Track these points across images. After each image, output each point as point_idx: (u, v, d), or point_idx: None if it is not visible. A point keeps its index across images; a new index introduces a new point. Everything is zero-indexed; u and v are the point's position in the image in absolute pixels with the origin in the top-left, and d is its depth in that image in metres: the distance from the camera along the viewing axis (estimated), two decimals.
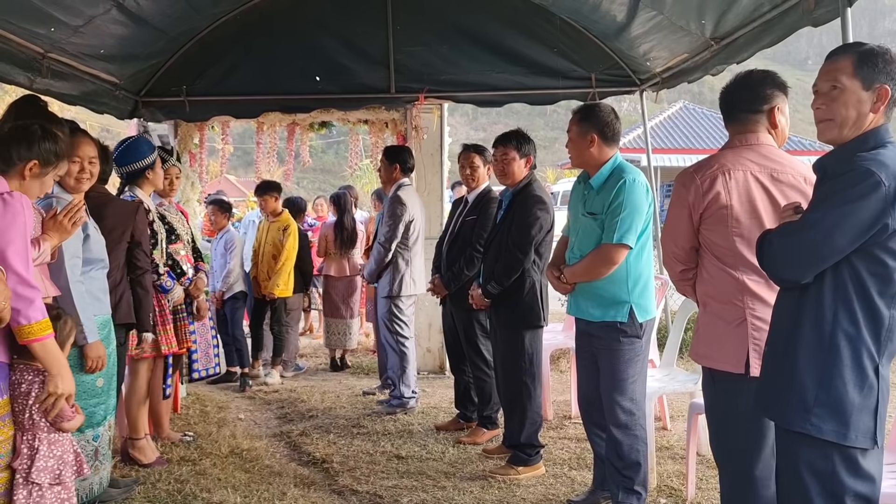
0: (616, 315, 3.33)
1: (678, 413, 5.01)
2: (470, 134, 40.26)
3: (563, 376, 6.18)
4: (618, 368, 3.34)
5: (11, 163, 2.50)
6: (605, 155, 3.43)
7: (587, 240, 3.40)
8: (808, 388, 2.00)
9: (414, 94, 5.94)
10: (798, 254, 2.02)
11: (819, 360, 1.99)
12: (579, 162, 3.52)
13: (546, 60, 5.78)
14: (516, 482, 3.93)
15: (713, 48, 4.46)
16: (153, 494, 3.74)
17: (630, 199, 3.29)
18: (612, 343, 3.34)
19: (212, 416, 5.25)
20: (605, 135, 3.42)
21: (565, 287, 3.51)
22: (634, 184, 3.32)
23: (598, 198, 3.39)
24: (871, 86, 2.01)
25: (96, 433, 3.34)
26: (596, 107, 3.55)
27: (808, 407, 1.99)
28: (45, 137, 2.58)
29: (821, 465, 1.99)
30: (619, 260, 3.30)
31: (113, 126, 21.38)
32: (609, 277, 3.33)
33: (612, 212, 3.30)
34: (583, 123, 3.46)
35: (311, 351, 7.81)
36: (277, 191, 6.49)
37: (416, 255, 5.34)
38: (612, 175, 3.38)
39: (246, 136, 18.23)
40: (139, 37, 4.96)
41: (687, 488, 3.70)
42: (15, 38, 4.05)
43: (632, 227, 3.29)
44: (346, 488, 3.88)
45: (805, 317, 2.03)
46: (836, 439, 1.96)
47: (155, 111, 5.95)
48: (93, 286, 3.27)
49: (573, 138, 3.50)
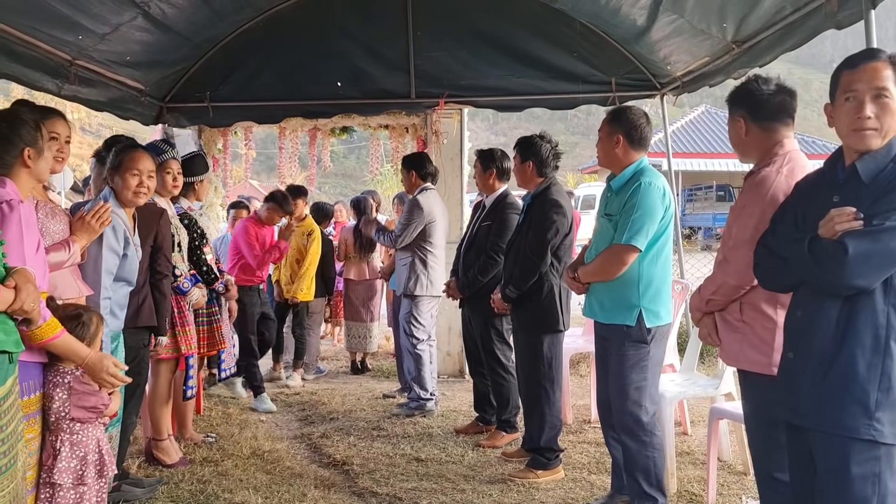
0: (624, 318, 3.32)
1: (699, 418, 4.98)
2: (490, 139, 40.31)
3: (583, 380, 6.16)
4: (623, 373, 3.33)
5: (8, 163, 2.52)
6: (630, 158, 3.41)
7: (602, 240, 3.42)
8: (869, 394, 1.98)
9: (434, 99, 5.98)
10: (877, 262, 1.98)
11: (877, 364, 1.98)
12: (605, 162, 3.53)
13: (566, 65, 5.79)
14: (535, 486, 3.92)
15: (734, 52, 4.44)
16: (176, 494, 3.79)
17: (643, 201, 3.28)
18: (618, 346, 3.35)
19: (234, 417, 5.31)
20: (631, 137, 3.40)
21: (579, 287, 3.52)
22: (650, 187, 3.30)
23: (615, 199, 3.40)
24: None
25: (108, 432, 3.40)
26: (627, 109, 3.54)
27: (870, 413, 1.98)
28: (12, 125, 2.57)
29: (869, 467, 1.99)
30: (628, 261, 3.29)
31: (139, 132, 21.67)
32: (620, 280, 3.32)
33: (624, 213, 3.31)
34: (612, 124, 3.45)
35: (332, 354, 7.85)
36: (304, 195, 6.57)
37: (437, 258, 5.38)
38: (631, 178, 3.38)
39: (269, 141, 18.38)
40: (164, 44, 5.05)
41: (708, 494, 3.67)
42: (43, 46, 4.14)
43: (642, 229, 3.27)
44: (365, 490, 3.90)
45: (857, 322, 2.01)
46: (895, 441, 1.97)
47: (179, 117, 6.04)
48: (114, 301, 3.32)
49: (601, 137, 3.50)
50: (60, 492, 2.66)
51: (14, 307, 2.12)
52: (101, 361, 2.60)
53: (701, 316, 2.80)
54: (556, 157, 4.26)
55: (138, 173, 3.40)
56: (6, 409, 2.08)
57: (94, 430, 2.78)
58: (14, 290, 2.12)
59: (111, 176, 3.44)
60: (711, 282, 2.69)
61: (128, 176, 3.38)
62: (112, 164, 3.44)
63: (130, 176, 3.38)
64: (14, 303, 2.12)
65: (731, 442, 4.25)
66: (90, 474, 2.73)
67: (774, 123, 2.64)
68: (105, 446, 2.84)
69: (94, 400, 2.68)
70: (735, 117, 2.71)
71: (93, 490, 2.76)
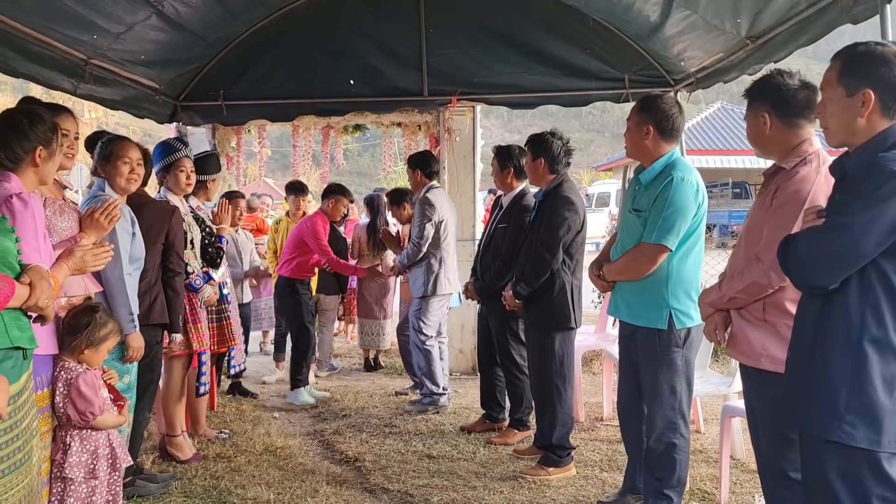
0: (654, 321, 3.22)
1: (712, 416, 4.95)
2: (505, 136, 40.19)
3: (595, 378, 6.15)
4: (656, 378, 3.26)
5: (18, 158, 2.55)
6: (660, 149, 3.28)
7: (630, 237, 3.31)
8: (839, 395, 1.94)
9: (447, 97, 5.98)
10: (826, 260, 1.96)
11: (848, 365, 1.94)
12: (633, 153, 3.39)
13: (579, 61, 5.76)
14: (547, 483, 3.92)
15: (749, 47, 4.40)
16: (189, 490, 3.82)
17: (675, 198, 3.15)
18: (650, 350, 3.26)
19: (247, 414, 5.34)
20: (662, 128, 3.26)
21: (603, 285, 3.45)
22: (682, 182, 3.17)
23: (645, 194, 3.28)
24: (855, 92, 1.99)
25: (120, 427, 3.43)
26: (658, 98, 3.39)
27: (840, 414, 1.94)
28: (32, 122, 2.61)
29: (848, 469, 1.94)
30: (657, 261, 3.19)
31: (154, 130, 21.81)
32: (648, 279, 3.22)
33: (655, 209, 3.18)
34: (641, 113, 3.31)
35: (346, 351, 7.88)
36: (305, 192, 6.72)
37: (449, 255, 5.38)
38: (662, 171, 3.24)
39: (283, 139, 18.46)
40: (178, 43, 5.08)
41: (720, 492, 3.66)
42: (59, 46, 4.18)
43: (673, 227, 3.15)
44: (377, 487, 3.91)
45: (831, 322, 1.98)
46: (869, 446, 1.91)
47: (193, 115, 6.08)
48: (132, 284, 3.36)
49: (630, 127, 3.36)
50: (72, 486, 2.70)
51: (29, 304, 2.15)
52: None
53: (712, 312, 2.77)
54: (568, 154, 4.24)
55: (129, 161, 3.46)
56: (21, 404, 2.11)
57: None
58: (29, 287, 2.15)
59: (102, 167, 3.49)
60: (738, 280, 2.61)
61: (119, 164, 3.44)
62: (102, 154, 3.48)
63: (122, 164, 3.44)
64: (29, 299, 2.14)
65: (743, 440, 4.23)
66: (102, 468, 2.76)
67: (799, 119, 2.58)
68: (116, 440, 2.87)
69: (84, 406, 2.69)
70: (757, 112, 2.63)
71: (105, 484, 2.79)
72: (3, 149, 2.48)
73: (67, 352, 2.74)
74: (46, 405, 2.64)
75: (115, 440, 2.87)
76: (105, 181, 3.47)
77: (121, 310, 3.20)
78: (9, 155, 2.52)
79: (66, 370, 2.71)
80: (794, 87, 2.57)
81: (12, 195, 2.41)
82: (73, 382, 2.68)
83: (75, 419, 2.69)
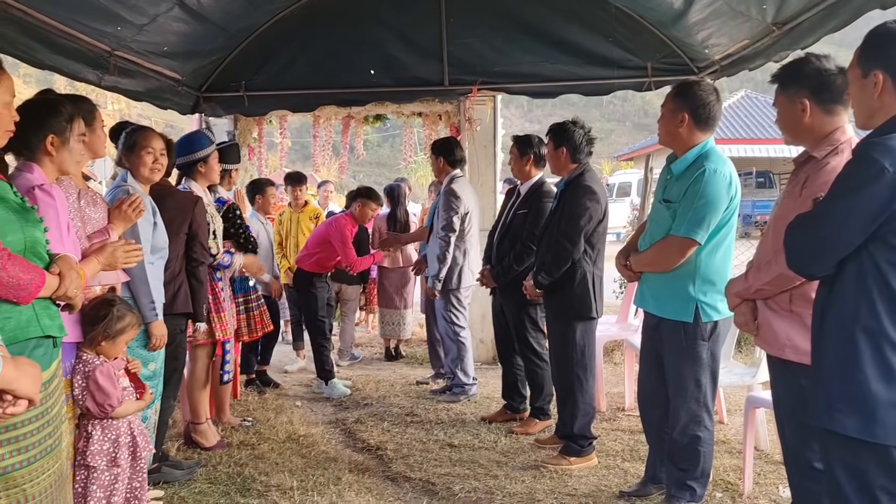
0: (680, 313, 3.19)
1: (735, 407, 4.92)
2: (525, 126, 40.07)
3: (616, 368, 6.13)
4: (681, 370, 3.24)
5: (33, 146, 2.58)
6: (694, 138, 3.21)
7: (659, 228, 3.27)
8: (831, 384, 1.94)
9: (467, 87, 5.95)
10: (812, 248, 1.97)
11: (841, 355, 1.93)
12: (666, 141, 3.32)
13: (601, 50, 5.71)
14: (568, 472, 3.92)
15: (775, 34, 4.33)
16: (214, 476, 3.87)
17: (707, 190, 3.08)
18: (675, 343, 3.23)
19: (270, 402, 5.39)
20: (698, 116, 3.19)
21: (630, 274, 3.43)
22: (715, 174, 3.11)
23: (676, 184, 3.22)
24: (868, 73, 1.97)
25: (144, 415, 3.48)
26: (695, 84, 3.30)
27: (831, 402, 1.93)
28: (48, 111, 2.64)
29: (853, 461, 1.93)
30: (685, 254, 3.15)
31: (176, 122, 22.00)
32: (676, 271, 3.19)
33: (685, 201, 3.13)
34: (676, 100, 3.24)
35: (367, 341, 7.92)
36: (304, 182, 6.79)
37: (472, 246, 5.38)
38: (695, 162, 3.18)
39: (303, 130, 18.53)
40: (200, 34, 5.10)
41: (744, 483, 3.64)
42: (84, 38, 4.22)
43: (703, 220, 3.10)
44: (399, 475, 3.94)
45: (828, 311, 1.98)
46: (861, 435, 1.88)
47: (215, 106, 6.11)
48: (155, 273, 3.40)
49: (664, 114, 3.29)
50: (95, 473, 2.74)
51: (58, 293, 2.19)
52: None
53: (739, 303, 2.74)
54: (590, 143, 4.21)
55: (152, 151, 3.49)
56: (51, 391, 2.15)
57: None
58: (58, 277, 2.18)
59: (126, 157, 3.52)
60: (766, 271, 2.58)
61: (143, 154, 3.47)
62: (126, 144, 3.51)
63: (146, 154, 3.48)
64: (58, 289, 2.18)
65: (767, 431, 4.20)
66: (123, 456, 2.80)
67: (837, 106, 2.52)
68: (138, 428, 2.91)
69: (102, 398, 2.72)
70: (795, 97, 2.55)
71: (127, 471, 2.83)
72: (18, 137, 2.52)
73: (86, 343, 2.77)
74: (69, 393, 2.68)
75: (137, 428, 2.91)
76: (128, 172, 3.51)
77: (142, 298, 3.25)
78: (23, 143, 2.56)
79: (84, 362, 2.74)
80: (834, 72, 2.51)
81: (35, 186, 2.44)
82: (90, 375, 2.71)
83: (94, 411, 2.73)
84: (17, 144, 2.47)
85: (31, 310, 2.08)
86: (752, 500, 3.55)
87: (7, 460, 1.95)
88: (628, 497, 3.58)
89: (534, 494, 3.64)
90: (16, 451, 1.96)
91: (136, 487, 2.87)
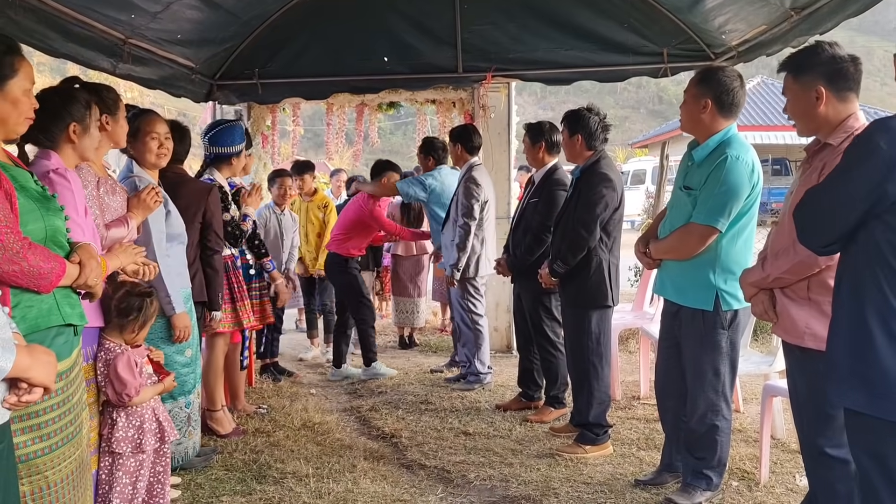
0: (700, 301, 3.16)
1: (751, 395, 4.90)
2: (538, 113, 39.82)
3: (632, 357, 6.11)
4: (700, 358, 3.22)
5: (54, 135, 2.60)
6: (717, 125, 3.17)
7: (679, 215, 3.25)
8: (843, 362, 1.93)
9: (481, 74, 5.92)
10: (813, 221, 2.00)
11: (851, 333, 1.92)
12: (688, 127, 3.28)
13: (616, 36, 5.66)
14: (583, 461, 3.92)
15: (793, 19, 4.27)
16: (230, 463, 3.89)
17: (729, 177, 3.05)
18: (695, 331, 3.21)
19: (285, 390, 5.41)
20: (721, 102, 3.14)
21: (649, 262, 3.41)
22: (737, 162, 3.07)
23: (697, 171, 3.19)
24: None
25: (188, 400, 3.52)
26: (720, 70, 3.26)
27: (843, 379, 1.92)
28: (64, 100, 2.64)
29: (863, 440, 1.91)
30: (706, 242, 3.12)
31: (189, 110, 22.03)
32: (697, 259, 3.16)
33: (706, 188, 3.10)
34: (700, 86, 3.19)
35: (380, 329, 7.92)
36: (312, 170, 6.68)
37: (490, 234, 5.37)
38: (716, 149, 3.14)
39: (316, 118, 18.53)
40: (213, 21, 5.10)
41: (760, 471, 3.62)
42: (98, 26, 4.23)
43: (725, 208, 3.07)
44: (414, 462, 3.95)
45: (840, 290, 1.98)
46: (875, 412, 1.85)
47: (229, 94, 6.12)
48: (175, 261, 3.42)
49: (687, 100, 3.25)
50: (120, 460, 2.77)
51: (79, 282, 2.20)
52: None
53: (756, 292, 2.72)
54: (605, 130, 4.17)
55: (157, 136, 3.44)
56: (72, 379, 2.16)
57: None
58: (79, 266, 2.19)
59: (130, 144, 3.41)
60: (784, 260, 2.56)
61: (148, 140, 3.43)
62: (129, 131, 3.34)
63: (150, 139, 3.43)
64: (79, 278, 2.19)
65: (784, 419, 4.17)
66: (148, 442, 2.83)
67: (851, 93, 2.51)
68: (162, 414, 2.93)
69: (120, 387, 2.74)
70: (810, 86, 2.51)
71: (151, 457, 2.86)
72: (39, 126, 2.52)
73: (114, 332, 2.79)
74: (91, 377, 2.70)
75: (162, 414, 2.93)
76: (133, 161, 3.47)
77: (158, 291, 3.25)
78: (45, 134, 2.57)
79: (107, 350, 2.76)
80: (847, 59, 2.49)
81: (50, 170, 2.46)
82: (111, 363, 2.73)
83: (113, 399, 2.75)
84: (37, 133, 2.49)
85: (52, 298, 2.09)
86: (769, 488, 3.54)
87: (29, 447, 1.97)
88: (644, 485, 3.57)
89: (549, 482, 3.64)
90: (38, 438, 1.99)
91: (160, 472, 2.90)
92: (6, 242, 1.91)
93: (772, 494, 3.47)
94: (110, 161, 9.96)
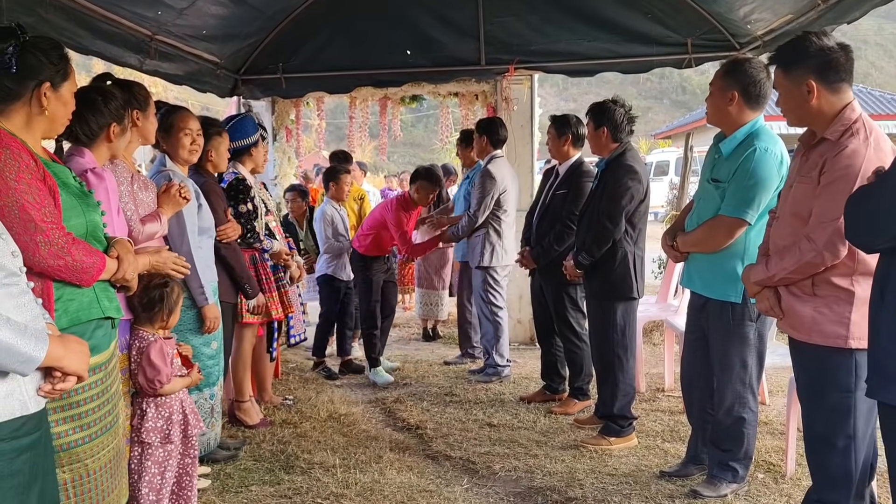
0: (728, 294, 3.15)
1: (777, 388, 4.87)
2: (560, 105, 39.66)
3: (656, 349, 6.09)
4: (727, 351, 3.22)
5: (95, 133, 2.65)
6: (744, 117, 3.14)
7: (707, 208, 3.23)
8: (889, 359, 1.91)
9: (504, 66, 5.92)
10: (870, 220, 1.93)
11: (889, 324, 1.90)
12: (715, 119, 3.24)
13: (639, 27, 5.62)
14: (608, 452, 3.93)
15: (820, 7, 4.22)
16: (258, 454, 3.95)
17: (758, 169, 3.03)
18: (722, 323, 3.21)
19: (311, 382, 5.47)
20: (748, 94, 3.11)
21: (676, 255, 3.40)
22: (766, 154, 3.05)
23: (725, 164, 3.18)
24: None
25: (212, 392, 3.57)
26: (746, 61, 3.21)
27: (888, 375, 1.90)
28: (105, 99, 2.69)
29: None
30: (735, 234, 3.11)
31: (213, 105, 22.20)
32: (724, 251, 3.15)
33: (735, 181, 3.09)
34: (726, 78, 3.15)
35: (404, 321, 7.97)
36: (350, 161, 6.65)
37: (509, 226, 5.37)
38: (744, 141, 3.12)
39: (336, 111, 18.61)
40: (238, 17, 5.15)
41: (786, 464, 3.60)
42: (126, 22, 4.28)
43: (754, 200, 3.05)
44: (439, 454, 3.98)
45: (885, 287, 1.94)
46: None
47: (253, 89, 6.17)
48: (205, 254, 3.47)
49: (713, 92, 3.21)
50: (149, 449, 2.83)
51: (117, 276, 2.26)
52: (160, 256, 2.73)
53: (760, 289, 2.70)
54: (631, 122, 4.15)
55: (189, 132, 3.48)
56: (110, 370, 2.22)
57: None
58: (117, 261, 2.25)
59: (163, 139, 3.45)
60: (789, 259, 2.54)
61: (181, 136, 3.47)
62: (162, 126, 3.40)
63: (183, 136, 3.47)
64: (117, 272, 2.25)
65: None
66: (176, 433, 2.88)
67: (843, 84, 2.47)
68: (189, 406, 2.98)
69: (153, 374, 2.78)
70: (800, 80, 2.48)
71: (179, 448, 2.91)
72: (80, 125, 2.57)
73: (146, 324, 2.85)
74: (125, 367, 2.77)
75: (189, 406, 2.98)
76: (165, 155, 3.52)
77: (192, 282, 3.29)
78: (85, 131, 2.63)
79: (140, 339, 2.82)
80: (837, 49, 2.45)
81: (87, 170, 2.51)
82: (144, 350, 2.79)
83: (144, 386, 2.80)
84: (77, 130, 2.55)
85: (92, 292, 2.15)
86: (795, 481, 3.52)
87: (70, 436, 2.03)
88: (669, 477, 3.57)
89: (574, 474, 3.66)
90: (78, 427, 2.05)
91: (188, 464, 2.95)
92: (52, 238, 1.98)
93: (798, 487, 3.45)
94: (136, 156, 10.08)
